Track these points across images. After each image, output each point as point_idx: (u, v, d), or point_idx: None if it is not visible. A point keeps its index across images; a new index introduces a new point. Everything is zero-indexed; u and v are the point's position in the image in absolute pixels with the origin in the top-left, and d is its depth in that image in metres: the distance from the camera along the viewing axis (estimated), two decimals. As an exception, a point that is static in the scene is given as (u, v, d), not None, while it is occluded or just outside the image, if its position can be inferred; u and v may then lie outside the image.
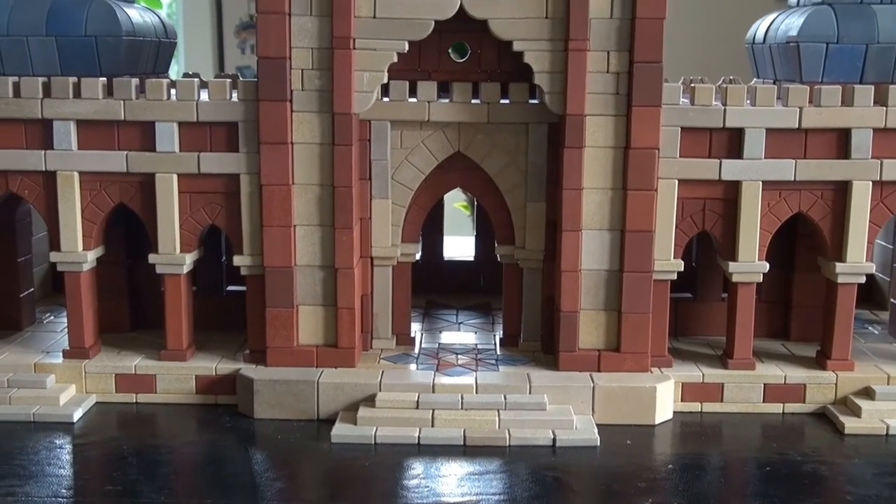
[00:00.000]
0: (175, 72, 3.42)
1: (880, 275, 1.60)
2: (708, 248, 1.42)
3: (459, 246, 1.87)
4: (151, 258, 1.33)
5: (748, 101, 1.29)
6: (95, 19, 1.34)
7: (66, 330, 1.36)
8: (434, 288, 1.66)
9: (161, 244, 1.32)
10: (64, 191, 1.31)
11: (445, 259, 1.72)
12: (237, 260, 1.33)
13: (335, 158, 1.28)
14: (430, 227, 1.58)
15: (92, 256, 1.34)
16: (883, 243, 1.57)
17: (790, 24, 1.36)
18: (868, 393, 1.29)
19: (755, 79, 1.52)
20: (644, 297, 1.30)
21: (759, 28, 1.47)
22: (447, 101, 1.33)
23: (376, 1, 1.26)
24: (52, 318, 1.54)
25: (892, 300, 1.49)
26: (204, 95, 1.32)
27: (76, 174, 1.31)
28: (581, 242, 1.29)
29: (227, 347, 1.39)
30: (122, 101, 1.29)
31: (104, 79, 1.30)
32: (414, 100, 1.33)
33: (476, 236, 1.71)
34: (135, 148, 1.31)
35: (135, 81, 1.30)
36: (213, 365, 1.33)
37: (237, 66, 3.22)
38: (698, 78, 1.60)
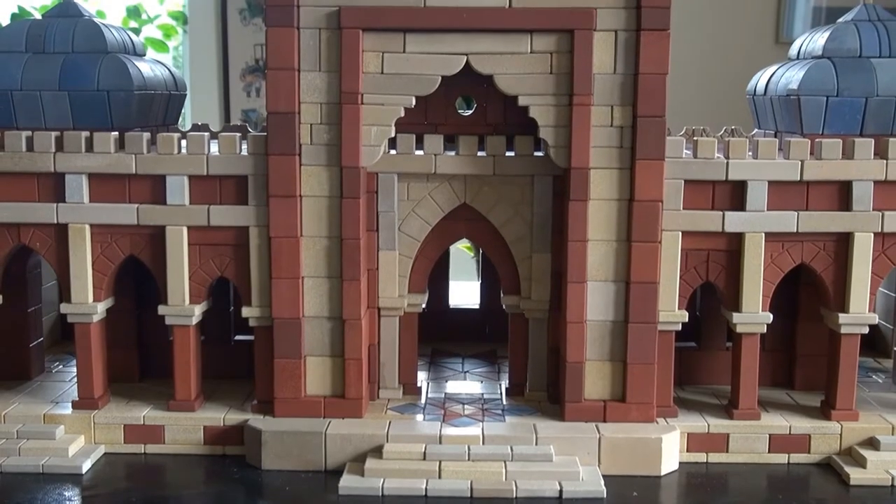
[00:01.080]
0: (182, 113, 3.46)
1: (884, 323, 1.61)
2: (712, 297, 1.43)
3: (465, 292, 1.89)
4: (161, 309, 1.34)
5: (750, 154, 1.31)
6: (107, 74, 1.36)
7: (76, 380, 1.37)
8: (440, 336, 1.67)
9: (170, 296, 1.34)
10: (75, 243, 1.32)
11: (451, 307, 1.74)
12: (246, 311, 1.34)
13: (343, 211, 1.30)
14: (436, 274, 1.59)
15: (102, 308, 1.35)
16: (886, 291, 1.58)
17: (790, 77, 1.38)
18: (873, 443, 1.30)
19: (756, 129, 1.54)
20: (649, 348, 1.31)
21: (760, 80, 1.49)
22: (453, 153, 1.35)
23: (384, 57, 1.28)
24: (61, 367, 1.55)
25: (895, 348, 1.50)
26: (214, 147, 1.35)
27: (87, 227, 1.32)
28: (586, 294, 1.31)
29: (236, 397, 1.40)
30: (133, 155, 1.31)
31: (116, 133, 1.32)
32: (421, 152, 1.35)
33: (481, 283, 1.73)
34: (146, 201, 1.32)
35: (146, 135, 1.32)
36: (221, 415, 1.34)
37: (243, 109, 3.25)
38: (701, 128, 1.63)
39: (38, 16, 3.05)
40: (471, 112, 1.43)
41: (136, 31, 3.17)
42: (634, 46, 1.26)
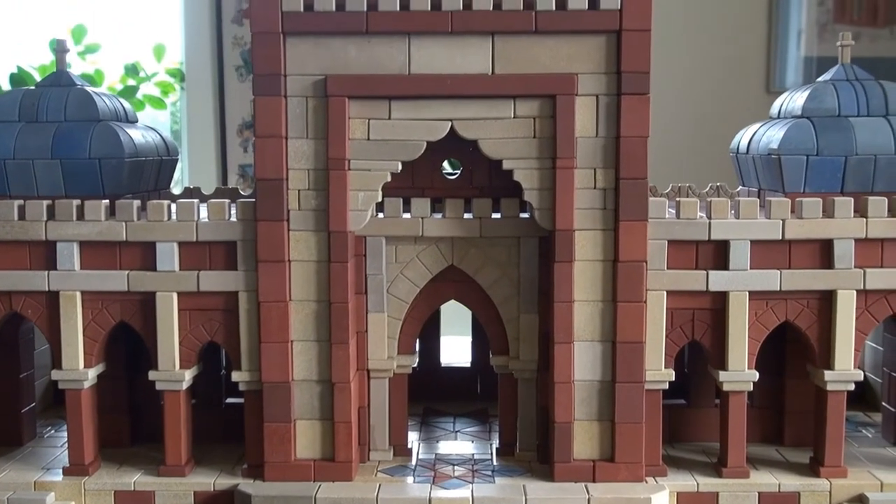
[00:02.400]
0: (180, 168, 3.49)
1: (872, 376, 1.62)
2: (700, 353, 1.44)
3: (457, 347, 1.89)
4: (151, 375, 1.35)
5: (732, 214, 1.33)
6: (99, 142, 1.38)
7: (67, 446, 1.38)
8: (432, 394, 1.67)
9: (161, 361, 1.35)
10: (66, 310, 1.34)
11: (443, 365, 1.74)
12: (235, 376, 1.35)
13: (331, 275, 1.32)
14: (427, 331, 1.60)
15: (93, 374, 1.36)
16: (873, 345, 1.59)
17: (771, 136, 1.40)
18: (862, 500, 1.30)
19: (741, 186, 1.56)
20: (637, 408, 1.31)
21: (743, 138, 1.52)
22: (440, 216, 1.37)
23: (370, 124, 1.31)
24: (53, 431, 1.56)
25: (884, 403, 1.50)
26: (204, 213, 1.37)
27: (78, 294, 1.34)
28: (573, 354, 1.32)
29: (227, 461, 1.40)
30: (123, 223, 1.33)
31: (107, 201, 1.34)
32: (408, 216, 1.37)
33: (472, 341, 1.73)
34: (136, 267, 1.34)
35: (136, 203, 1.34)
36: (211, 480, 1.34)
37: (239, 164, 3.28)
38: (687, 185, 1.65)
39: (37, 76, 3.10)
40: (457, 175, 1.45)
41: (135, 89, 3.21)
42: (616, 110, 1.28)
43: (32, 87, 1.48)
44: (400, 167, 1.32)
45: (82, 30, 3.21)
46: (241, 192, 1.68)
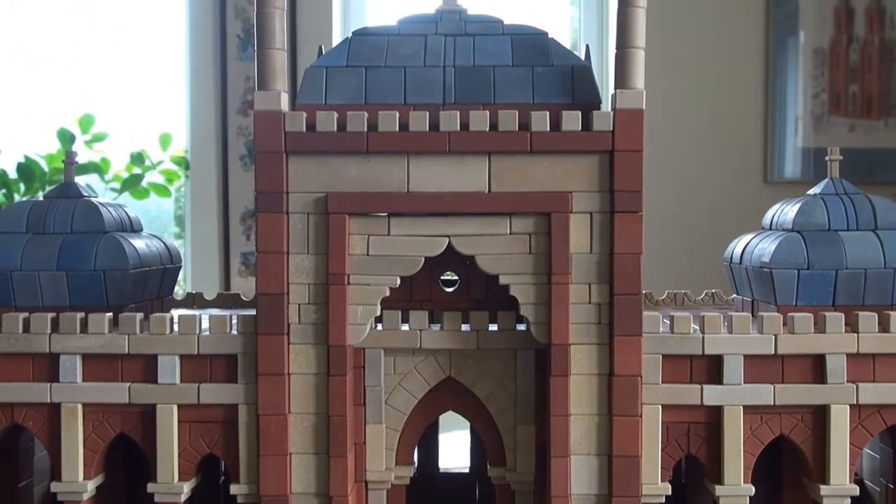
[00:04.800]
0: (183, 252, 3.52)
1: (871, 484, 1.62)
2: (696, 466, 1.44)
3: (455, 445, 1.89)
4: (150, 487, 1.36)
5: (725, 328, 1.35)
6: (105, 254, 1.41)
7: (64, 557, 1.38)
8: (430, 502, 1.67)
9: (160, 473, 1.36)
10: (67, 422, 1.35)
11: (441, 470, 1.74)
12: (234, 489, 1.35)
13: (330, 388, 1.33)
14: (424, 432, 1.60)
15: (92, 486, 1.37)
16: (871, 452, 1.59)
17: (763, 249, 1.43)
18: None
19: (734, 295, 1.58)
20: (633, 522, 1.32)
21: (737, 248, 1.54)
22: (438, 328, 1.39)
23: (370, 240, 1.34)
24: (51, 539, 1.56)
25: (881, 512, 1.50)
26: (205, 322, 1.39)
27: (80, 406, 1.35)
28: (570, 468, 1.33)
29: (223, 573, 1.40)
30: (126, 336, 1.35)
31: (110, 314, 1.37)
32: (406, 328, 1.39)
33: (471, 447, 1.74)
34: (137, 380, 1.36)
35: (139, 316, 1.36)
36: None
37: (242, 252, 3.32)
38: (682, 292, 1.67)
39: (44, 165, 3.16)
40: (454, 288, 1.48)
41: (140, 177, 3.26)
42: (609, 227, 1.31)
43: (41, 199, 1.51)
44: (398, 282, 1.34)
45: (90, 119, 3.28)
46: (243, 298, 1.70)
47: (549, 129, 1.31)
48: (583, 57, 1.45)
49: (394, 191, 1.33)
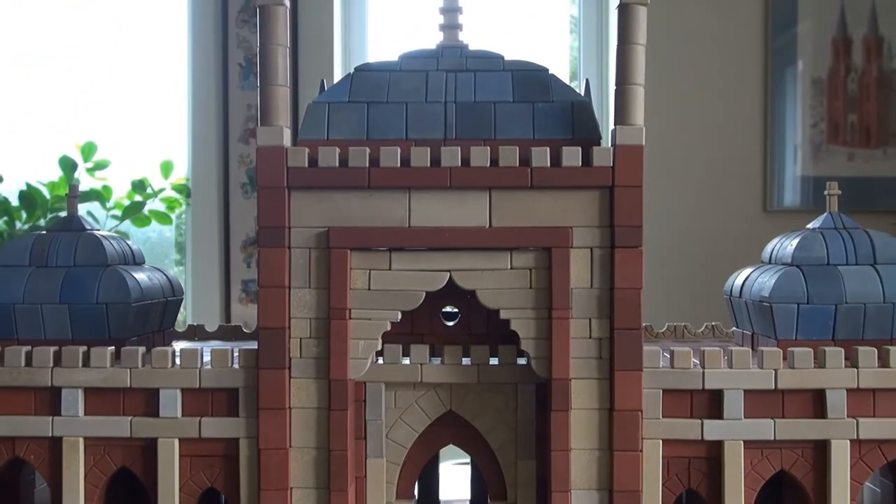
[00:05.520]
0: (182, 278, 3.53)
1: (871, 517, 1.62)
2: (697, 499, 1.44)
3: (455, 475, 1.88)
4: (151, 522, 1.36)
5: (725, 362, 1.35)
6: (107, 288, 1.42)
7: (64, 592, 1.38)
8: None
9: (161, 507, 1.36)
10: (69, 456, 1.35)
11: (441, 501, 1.74)
12: (234, 523, 1.36)
13: (331, 423, 1.34)
14: (425, 466, 1.60)
15: (93, 520, 1.37)
16: (872, 486, 1.59)
17: (762, 283, 1.44)
18: None
19: (734, 328, 1.59)
20: (634, 558, 1.32)
21: (737, 281, 1.55)
22: (439, 362, 1.39)
23: (371, 274, 1.34)
24: (50, 573, 1.55)
25: (883, 547, 1.50)
26: (206, 356, 1.39)
27: (81, 440, 1.36)
28: (571, 502, 1.32)
29: None
30: (128, 370, 1.35)
31: (112, 348, 1.37)
32: (407, 361, 1.39)
33: (471, 477, 1.73)
34: (139, 413, 1.36)
35: (141, 350, 1.37)
36: None
37: (242, 280, 3.32)
38: (682, 325, 1.68)
39: (46, 192, 3.16)
40: (455, 322, 1.48)
41: (141, 205, 3.27)
42: (610, 262, 1.32)
43: (44, 233, 1.52)
44: (399, 316, 1.35)
45: (92, 146, 3.29)
46: (245, 330, 1.71)
47: (549, 164, 1.32)
48: (583, 91, 1.46)
49: (395, 226, 1.33)
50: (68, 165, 3.16)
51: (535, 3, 3.60)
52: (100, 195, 3.24)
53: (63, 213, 2.99)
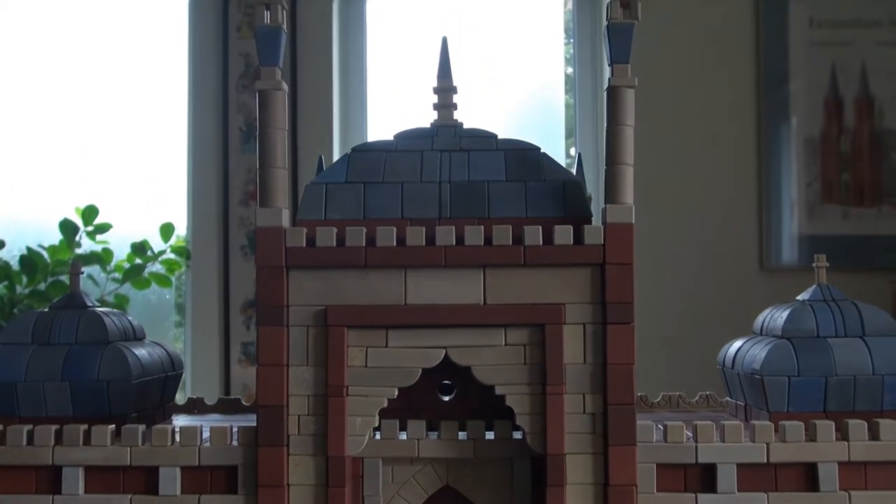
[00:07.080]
0: (182, 339, 3.55)
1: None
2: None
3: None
4: None
5: (718, 436, 1.37)
6: (108, 365, 1.44)
7: None
8: None
9: (160, 586, 1.36)
10: (69, 535, 1.37)
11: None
12: None
13: (329, 499, 1.35)
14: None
15: None
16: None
17: (754, 355, 1.46)
18: None
19: (727, 398, 1.61)
20: None
21: (729, 352, 1.57)
22: (436, 437, 1.41)
23: (368, 351, 1.37)
24: None
25: None
26: (206, 432, 1.41)
27: (82, 518, 1.37)
28: (567, 578, 1.34)
29: None
30: (128, 448, 1.37)
31: (113, 426, 1.39)
32: (404, 437, 1.41)
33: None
34: (139, 491, 1.37)
35: (141, 428, 1.38)
36: None
37: (242, 342, 3.35)
38: (678, 395, 1.70)
39: (46, 256, 3.19)
40: (451, 397, 1.50)
41: (141, 268, 3.30)
42: (602, 338, 1.35)
43: (46, 310, 1.54)
44: (396, 393, 1.37)
45: (93, 210, 3.32)
46: (244, 403, 1.72)
47: (541, 242, 1.35)
48: (576, 165, 1.50)
49: (392, 303, 1.36)
50: (69, 229, 3.19)
51: (530, 64, 3.68)
52: (100, 258, 3.27)
53: (64, 277, 3.03)
